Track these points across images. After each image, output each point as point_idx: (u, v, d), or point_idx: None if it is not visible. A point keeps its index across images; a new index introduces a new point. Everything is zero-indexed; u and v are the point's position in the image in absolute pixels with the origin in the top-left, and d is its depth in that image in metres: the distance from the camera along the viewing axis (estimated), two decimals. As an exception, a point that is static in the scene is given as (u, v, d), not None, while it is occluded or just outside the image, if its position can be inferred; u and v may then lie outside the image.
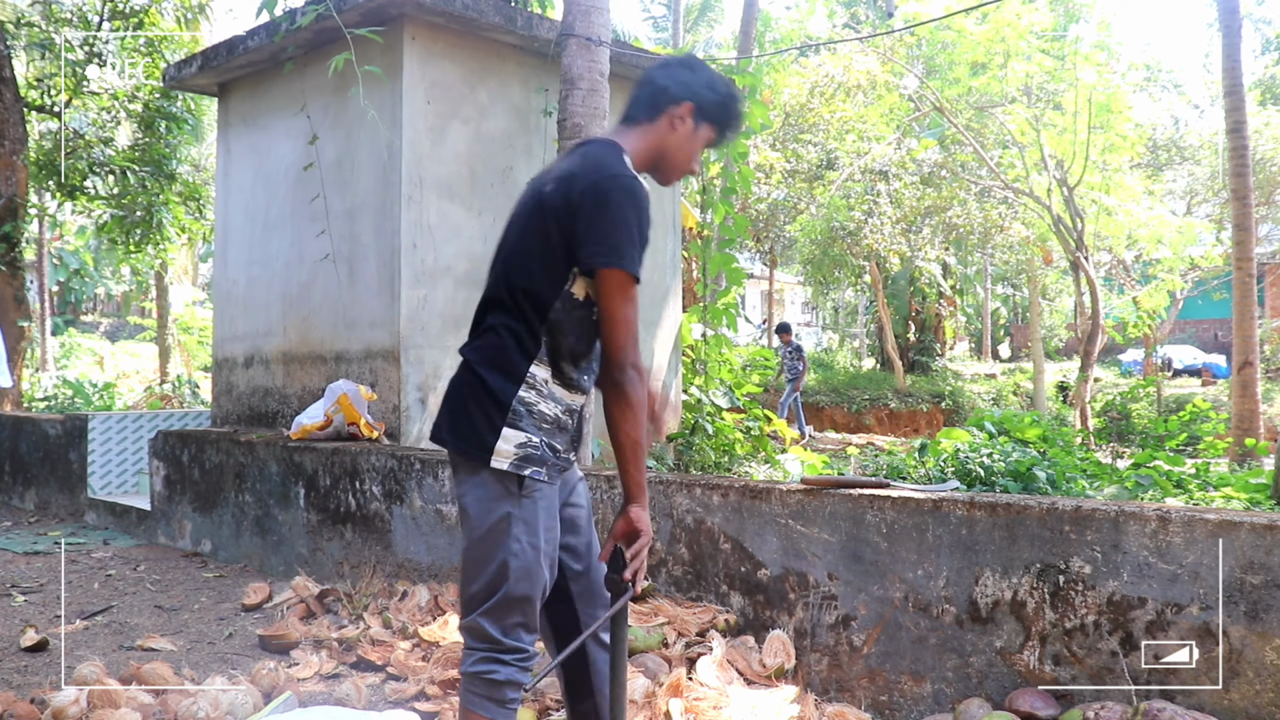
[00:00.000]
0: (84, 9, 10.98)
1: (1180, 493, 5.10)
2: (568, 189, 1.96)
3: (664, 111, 2.10)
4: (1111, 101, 12.75)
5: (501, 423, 1.97)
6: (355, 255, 5.84)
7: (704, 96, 2.10)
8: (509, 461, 1.97)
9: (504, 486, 1.98)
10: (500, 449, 1.96)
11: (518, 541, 1.97)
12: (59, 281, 31.52)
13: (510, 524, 1.97)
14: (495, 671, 1.98)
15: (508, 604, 1.98)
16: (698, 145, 2.14)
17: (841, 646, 3.03)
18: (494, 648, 1.98)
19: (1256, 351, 10.07)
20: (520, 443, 1.98)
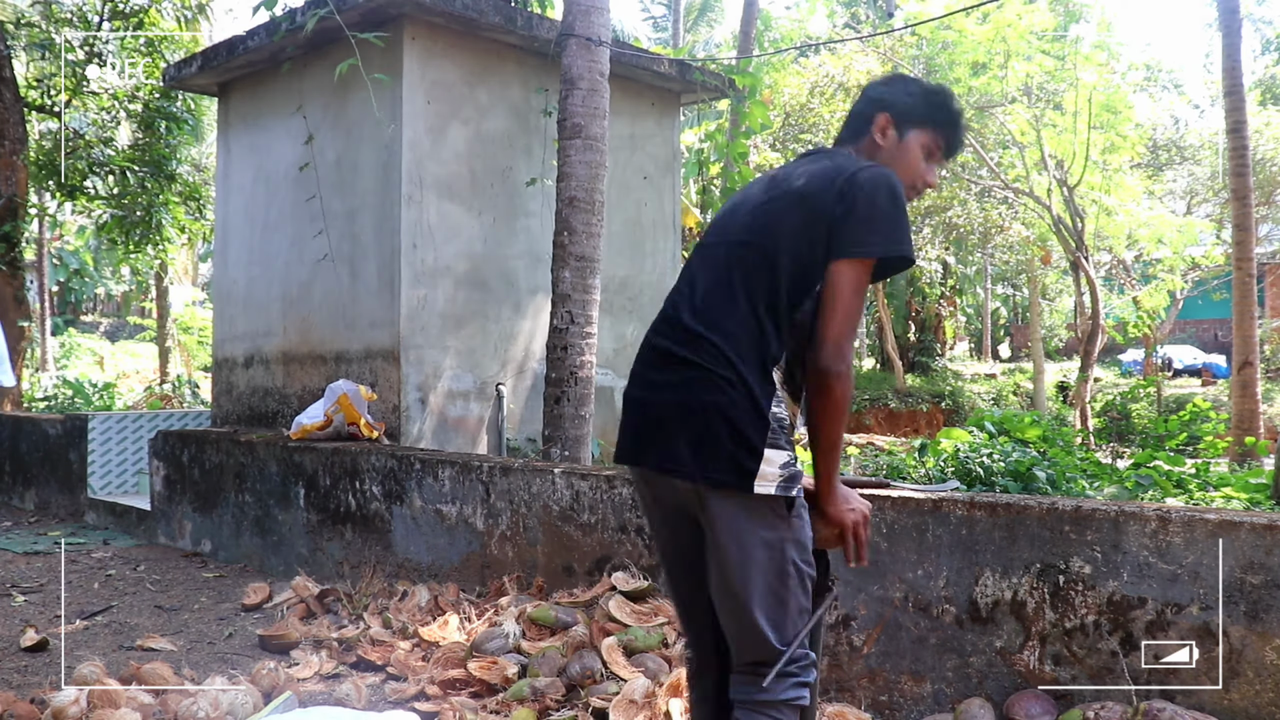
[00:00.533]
0: (84, 9, 10.98)
1: (1180, 493, 5.10)
2: (829, 182, 1.88)
3: (866, 132, 2.04)
4: (1113, 101, 12.75)
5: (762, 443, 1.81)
6: (355, 255, 5.84)
7: (901, 100, 2.03)
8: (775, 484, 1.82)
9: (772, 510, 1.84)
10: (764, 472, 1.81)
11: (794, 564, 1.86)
12: (59, 281, 31.52)
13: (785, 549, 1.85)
14: (803, 697, 1.88)
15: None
16: (914, 155, 2.04)
17: (841, 646, 3.03)
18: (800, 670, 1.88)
19: (1256, 351, 10.08)
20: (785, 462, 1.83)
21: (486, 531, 4.12)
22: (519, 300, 6.08)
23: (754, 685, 1.87)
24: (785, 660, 1.85)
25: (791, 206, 1.90)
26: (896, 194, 1.88)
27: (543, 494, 3.90)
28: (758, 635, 1.85)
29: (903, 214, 1.87)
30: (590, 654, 3.13)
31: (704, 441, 1.81)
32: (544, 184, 5.97)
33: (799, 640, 1.90)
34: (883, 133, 2.03)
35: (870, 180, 1.88)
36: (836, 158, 1.97)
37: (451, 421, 5.76)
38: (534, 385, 6.11)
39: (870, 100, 2.06)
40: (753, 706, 1.86)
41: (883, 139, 2.03)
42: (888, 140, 2.03)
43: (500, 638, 3.31)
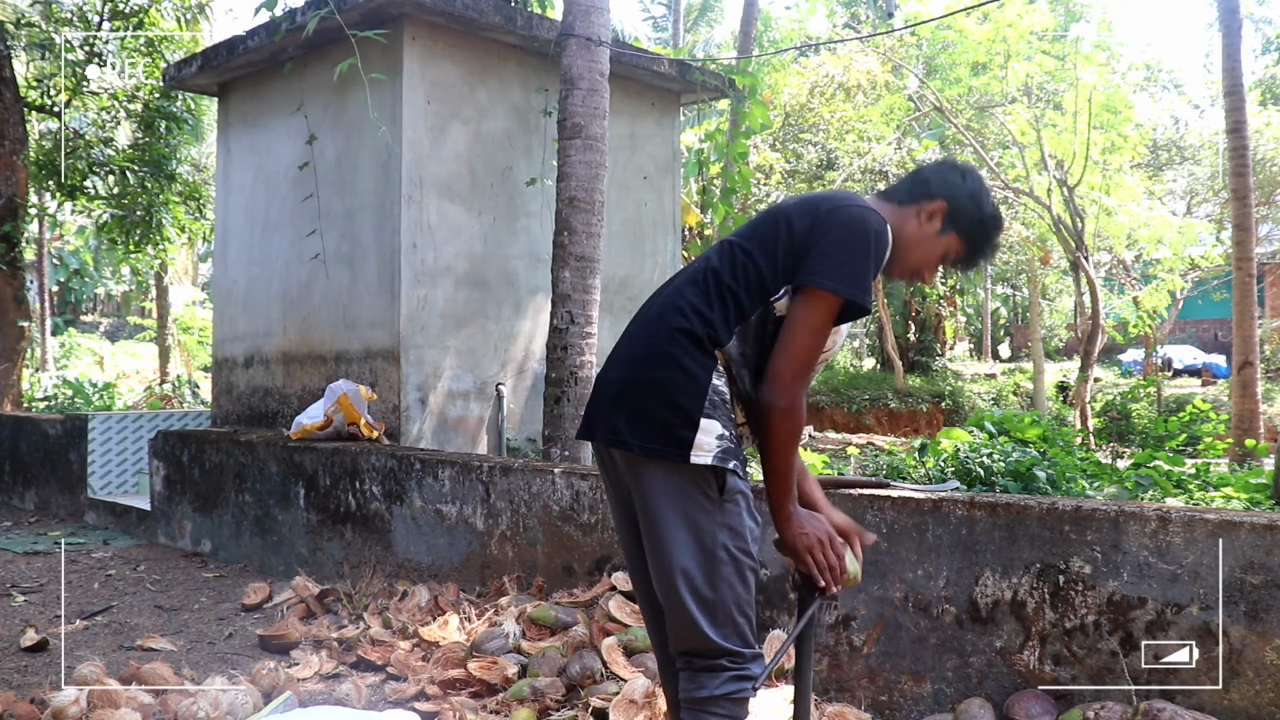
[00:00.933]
0: (84, 9, 10.97)
1: (1180, 493, 5.09)
2: (815, 207, 1.91)
3: (917, 201, 2.03)
4: (1113, 101, 12.75)
5: (698, 413, 1.81)
6: (355, 255, 5.84)
7: (962, 204, 2.01)
8: (712, 455, 1.82)
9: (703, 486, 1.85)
10: (700, 441, 1.81)
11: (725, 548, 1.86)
12: (59, 281, 31.53)
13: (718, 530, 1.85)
14: (743, 690, 1.85)
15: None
16: (937, 249, 2.04)
17: (841, 646, 3.03)
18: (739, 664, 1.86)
19: (1256, 351, 10.08)
20: (720, 434, 1.83)
21: (486, 531, 4.12)
22: (519, 300, 6.08)
23: (693, 682, 1.86)
24: (722, 654, 1.83)
25: (772, 217, 1.95)
26: (870, 239, 1.86)
27: (543, 494, 3.90)
28: (689, 622, 1.83)
29: (869, 261, 1.86)
30: (590, 654, 3.13)
31: (641, 412, 1.84)
32: (544, 184, 5.97)
33: (787, 644, 1.89)
34: (930, 216, 2.02)
35: (852, 217, 1.88)
36: (847, 195, 1.97)
37: (451, 421, 5.76)
38: (534, 385, 6.11)
39: (943, 182, 2.04)
40: (692, 705, 1.85)
41: (926, 221, 2.02)
42: (929, 226, 2.02)
43: (500, 638, 3.31)
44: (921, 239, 2.03)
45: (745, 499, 1.87)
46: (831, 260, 1.83)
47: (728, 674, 1.83)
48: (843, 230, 1.86)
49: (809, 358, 1.84)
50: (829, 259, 1.84)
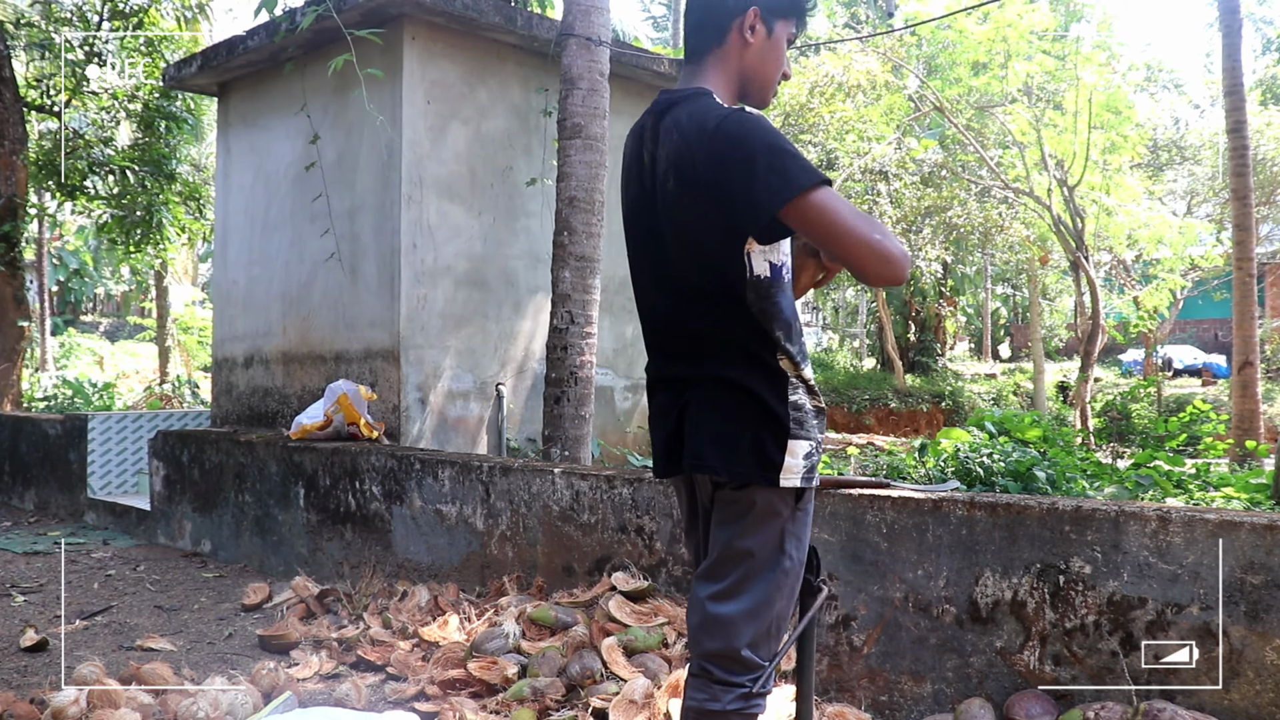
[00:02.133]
0: (84, 9, 10.97)
1: (1180, 493, 5.09)
2: (694, 164, 1.71)
3: (729, 29, 1.83)
4: (1113, 101, 12.75)
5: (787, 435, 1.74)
6: (355, 255, 5.84)
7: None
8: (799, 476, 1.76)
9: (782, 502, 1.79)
10: (789, 464, 1.74)
11: (790, 559, 1.81)
12: (59, 281, 31.53)
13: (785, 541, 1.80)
14: (755, 706, 1.80)
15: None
16: (780, 47, 1.86)
17: (841, 646, 3.03)
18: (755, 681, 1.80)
19: (1257, 351, 10.08)
20: (808, 453, 1.77)
21: (486, 531, 4.11)
22: (519, 300, 6.08)
23: (704, 693, 1.80)
24: (745, 667, 1.79)
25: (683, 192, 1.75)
26: (766, 132, 1.67)
27: (543, 494, 3.90)
28: (726, 625, 1.78)
29: (786, 147, 1.66)
30: (590, 654, 3.13)
31: (725, 436, 1.76)
32: (544, 184, 5.97)
33: (782, 653, 1.85)
34: (753, 29, 1.82)
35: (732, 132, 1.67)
36: (685, 112, 1.76)
37: (451, 421, 5.76)
38: (534, 385, 6.11)
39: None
40: (702, 717, 1.79)
41: (753, 36, 1.83)
42: (758, 37, 1.83)
43: (500, 638, 3.31)
44: (764, 53, 1.85)
45: (810, 501, 1.85)
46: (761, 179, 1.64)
47: (743, 690, 1.79)
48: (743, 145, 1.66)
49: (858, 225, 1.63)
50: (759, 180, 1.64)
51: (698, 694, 1.80)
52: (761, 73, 1.86)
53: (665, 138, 1.79)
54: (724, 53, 1.84)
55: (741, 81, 1.87)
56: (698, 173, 1.72)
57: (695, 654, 1.84)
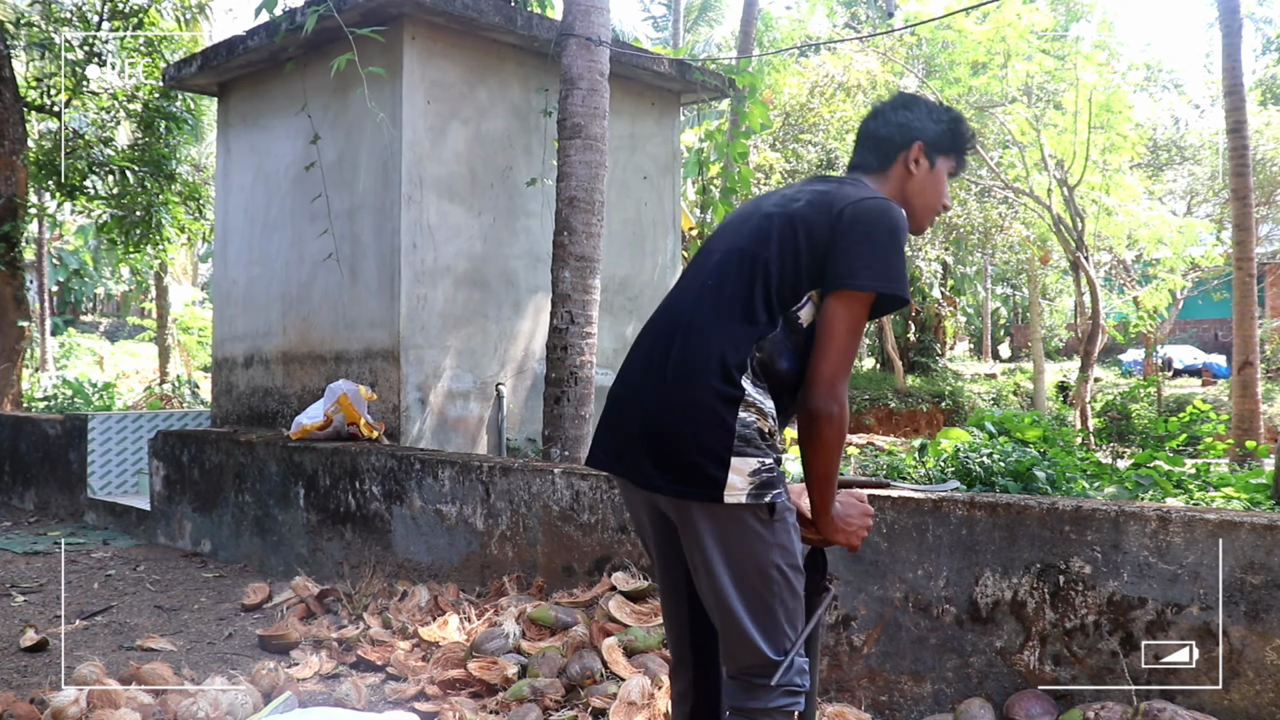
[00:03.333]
0: (83, 9, 10.97)
1: (1180, 493, 5.09)
2: (829, 206, 1.86)
3: (894, 159, 2.01)
4: (1112, 101, 12.74)
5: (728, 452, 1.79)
6: (355, 255, 5.84)
7: (929, 131, 2.02)
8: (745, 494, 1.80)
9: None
10: (733, 481, 1.78)
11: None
12: (59, 281, 31.52)
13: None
14: (795, 703, 1.86)
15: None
16: (941, 180, 2.04)
17: (841, 646, 3.03)
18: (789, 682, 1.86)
19: (1257, 351, 10.08)
20: (754, 469, 1.80)
21: (486, 531, 4.11)
22: (519, 300, 6.08)
23: (746, 693, 1.86)
24: (777, 668, 1.84)
25: (789, 223, 1.89)
26: (896, 230, 1.84)
27: (543, 494, 3.90)
28: (747, 642, 1.85)
29: (900, 252, 1.84)
30: (590, 654, 3.13)
31: (670, 453, 1.81)
32: (544, 184, 5.97)
33: (796, 648, 1.88)
34: (916, 162, 2.01)
35: (871, 212, 1.85)
36: (845, 185, 1.94)
37: (451, 421, 5.76)
38: (534, 385, 6.11)
39: (901, 127, 2.02)
40: (745, 715, 1.86)
41: (916, 168, 2.01)
42: (921, 169, 2.01)
43: (500, 638, 3.31)
44: (927, 185, 2.02)
45: (790, 512, 1.87)
46: (862, 259, 1.81)
47: (782, 689, 1.85)
48: (866, 225, 1.83)
49: (849, 359, 1.82)
50: (859, 258, 1.81)
51: (740, 694, 1.88)
52: (920, 201, 2.03)
53: (816, 183, 1.97)
54: (885, 176, 2.03)
55: (902, 204, 1.99)
56: (830, 215, 1.86)
57: (729, 668, 1.91)
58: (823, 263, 1.84)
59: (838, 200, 1.87)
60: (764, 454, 1.80)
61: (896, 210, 1.87)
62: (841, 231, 1.83)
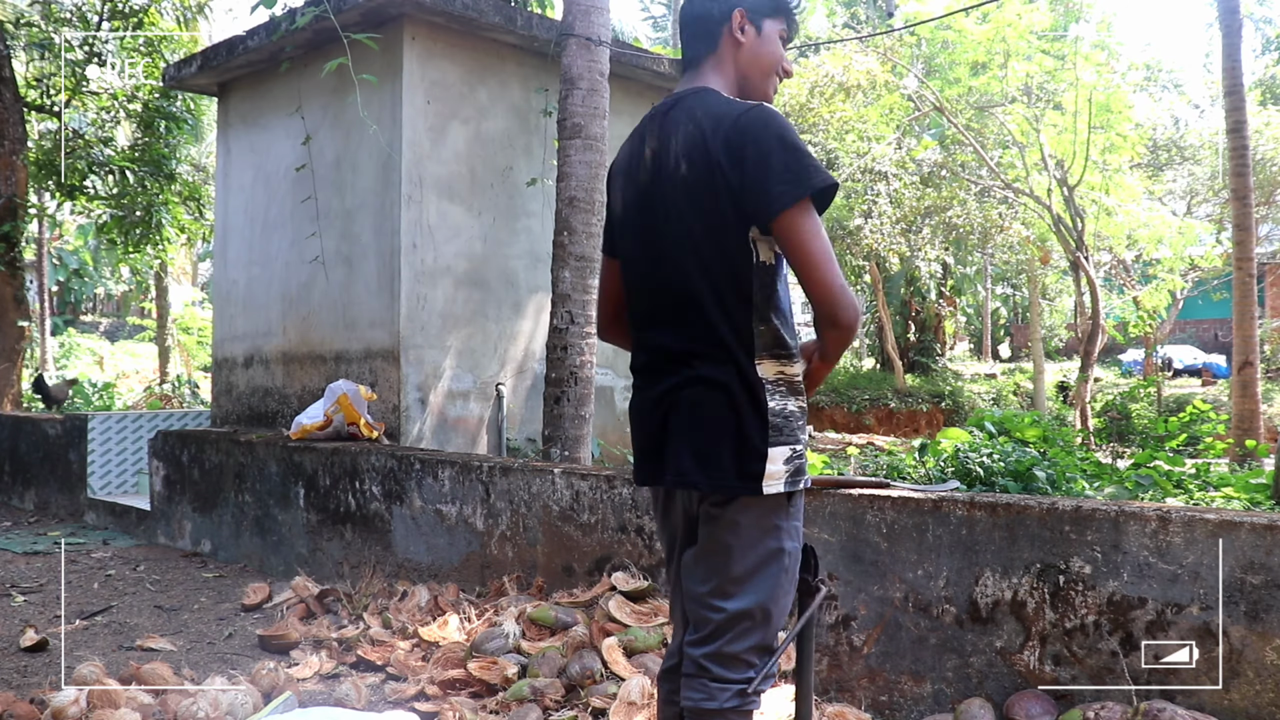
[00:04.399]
0: (83, 9, 10.97)
1: (1180, 493, 5.09)
2: (707, 152, 1.77)
3: (720, 34, 1.91)
4: (1111, 101, 12.74)
5: (765, 443, 1.77)
6: (355, 255, 5.84)
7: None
8: (783, 482, 1.79)
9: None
10: (770, 471, 1.77)
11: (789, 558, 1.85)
12: (58, 281, 31.52)
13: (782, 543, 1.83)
14: (752, 703, 1.83)
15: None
16: (773, 43, 1.94)
17: (841, 646, 3.03)
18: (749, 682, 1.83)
19: (1257, 351, 10.07)
20: (788, 457, 1.79)
21: (486, 531, 4.11)
22: (519, 300, 6.08)
23: (701, 692, 1.82)
24: (742, 665, 1.81)
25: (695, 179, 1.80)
26: (784, 128, 1.75)
27: (543, 494, 3.90)
28: (729, 628, 1.82)
29: (792, 145, 1.74)
30: (590, 654, 3.13)
31: (705, 451, 1.79)
32: (544, 184, 5.97)
33: (775, 656, 1.86)
34: (742, 30, 1.91)
35: (755, 123, 1.75)
36: (696, 112, 1.82)
37: (451, 421, 5.76)
38: (534, 385, 6.11)
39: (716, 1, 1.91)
40: (699, 715, 1.82)
41: (744, 36, 1.91)
42: (749, 37, 1.91)
43: (500, 638, 3.31)
44: (758, 52, 1.93)
45: (803, 500, 1.89)
46: (776, 173, 1.72)
47: (739, 688, 1.82)
48: (752, 146, 1.73)
49: (833, 261, 1.74)
50: (774, 174, 1.71)
51: (694, 693, 1.83)
52: (757, 70, 1.94)
53: (675, 129, 1.85)
54: (718, 57, 1.93)
55: (740, 81, 1.94)
56: (712, 159, 1.77)
57: (694, 654, 1.85)
58: (745, 195, 1.74)
59: (720, 122, 1.77)
60: (795, 440, 1.82)
61: (759, 111, 1.77)
62: (742, 155, 1.74)
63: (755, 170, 1.73)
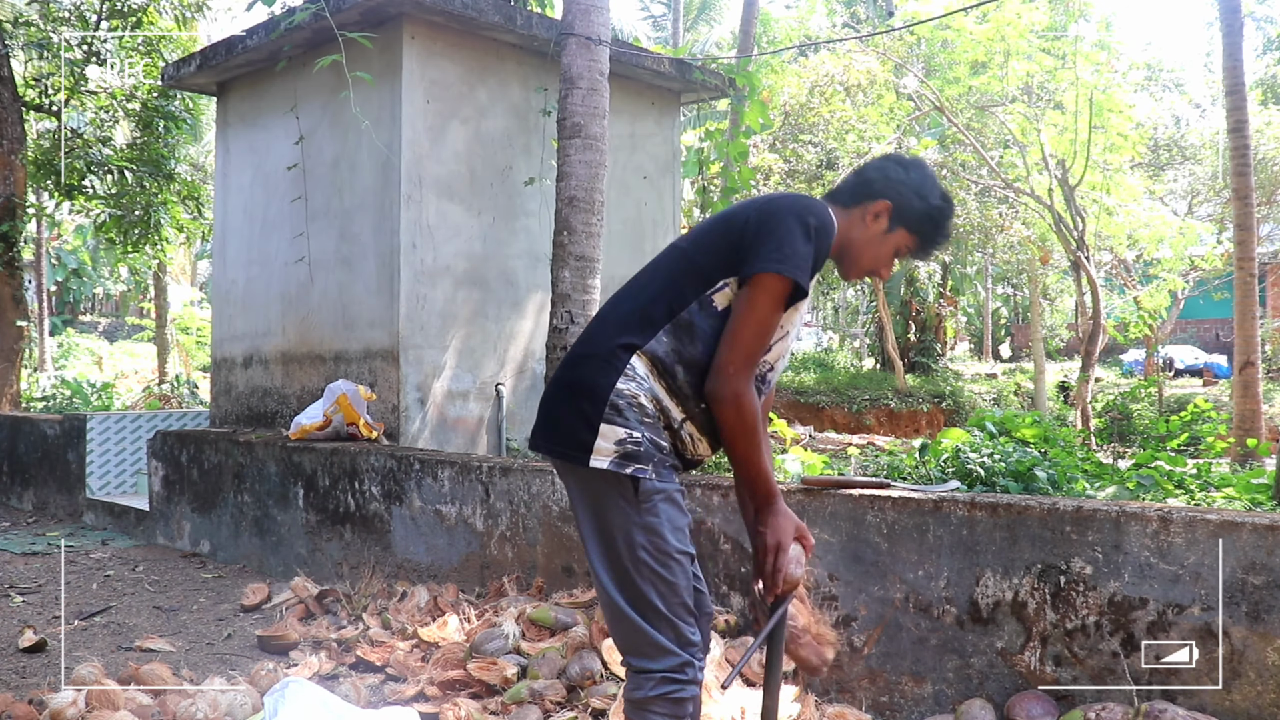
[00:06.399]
0: (82, 8, 10.96)
1: (1181, 493, 5.08)
2: (758, 204, 1.91)
3: (861, 203, 2.01)
4: (1109, 101, 12.73)
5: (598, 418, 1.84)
6: (354, 255, 5.83)
7: (907, 200, 1.99)
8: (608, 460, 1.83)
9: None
10: (599, 446, 1.82)
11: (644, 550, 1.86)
12: (57, 281, 31.52)
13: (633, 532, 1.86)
14: (679, 690, 1.85)
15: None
16: (888, 248, 2.03)
17: (842, 647, 3.02)
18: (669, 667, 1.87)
19: (1258, 351, 10.05)
20: (621, 439, 1.83)
21: (486, 532, 4.10)
22: (519, 300, 6.07)
23: (631, 683, 1.88)
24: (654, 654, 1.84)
25: (719, 218, 1.95)
26: (808, 222, 1.84)
27: (542, 494, 3.89)
28: (619, 625, 1.87)
29: (807, 241, 1.83)
30: (590, 655, 3.12)
31: (555, 417, 1.90)
32: (544, 184, 5.96)
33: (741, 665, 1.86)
34: (875, 216, 2.00)
35: (791, 204, 1.87)
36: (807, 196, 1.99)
37: (451, 421, 5.75)
38: (534, 385, 6.10)
39: (886, 180, 2.01)
40: (632, 705, 1.87)
41: (872, 221, 2.01)
42: (876, 226, 2.01)
43: (500, 638, 3.30)
44: (870, 239, 2.01)
45: (664, 496, 1.86)
46: (771, 245, 1.82)
47: (660, 674, 1.84)
48: (781, 215, 1.86)
49: (754, 347, 1.82)
50: (768, 245, 1.82)
51: (628, 685, 1.90)
52: (857, 253, 2.03)
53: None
54: (847, 212, 2.03)
55: (842, 244, 2.02)
56: (757, 204, 1.91)
57: (618, 648, 1.94)
58: (743, 250, 1.86)
59: (776, 198, 1.91)
60: (639, 428, 1.84)
61: (822, 211, 1.89)
62: (759, 221, 1.86)
63: (768, 231, 1.83)
